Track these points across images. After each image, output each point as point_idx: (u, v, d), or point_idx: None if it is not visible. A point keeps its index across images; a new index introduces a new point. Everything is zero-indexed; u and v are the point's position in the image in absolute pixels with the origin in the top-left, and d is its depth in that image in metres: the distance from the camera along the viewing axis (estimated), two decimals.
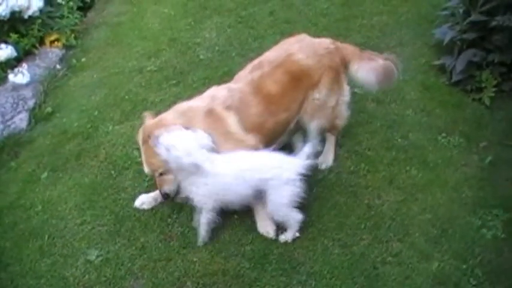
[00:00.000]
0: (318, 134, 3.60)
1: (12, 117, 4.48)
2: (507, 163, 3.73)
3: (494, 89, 4.23)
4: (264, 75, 3.39)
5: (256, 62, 3.54)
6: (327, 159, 3.78)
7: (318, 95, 3.50)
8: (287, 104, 3.43)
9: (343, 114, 3.72)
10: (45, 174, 3.92)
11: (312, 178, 3.63)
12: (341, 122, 3.75)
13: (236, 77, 3.56)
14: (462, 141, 3.94)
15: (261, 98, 3.34)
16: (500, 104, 4.24)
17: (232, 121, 3.26)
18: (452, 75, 4.43)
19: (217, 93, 3.38)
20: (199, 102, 3.36)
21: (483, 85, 4.30)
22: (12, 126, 4.42)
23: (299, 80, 3.43)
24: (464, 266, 3.07)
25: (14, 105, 4.60)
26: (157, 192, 3.47)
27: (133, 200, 3.56)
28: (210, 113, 3.26)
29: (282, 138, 3.56)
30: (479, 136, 3.99)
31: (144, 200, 3.53)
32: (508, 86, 4.29)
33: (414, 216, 3.39)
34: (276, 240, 3.23)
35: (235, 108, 3.28)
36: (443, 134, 4.01)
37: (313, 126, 3.58)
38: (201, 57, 5.12)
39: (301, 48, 3.51)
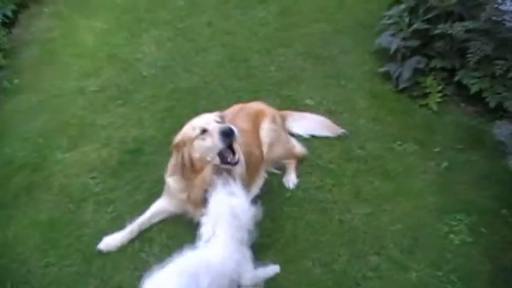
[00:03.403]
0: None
1: None
2: (461, 167, 3.87)
3: (439, 94, 4.39)
4: (232, 118, 3.57)
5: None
6: (292, 178, 3.76)
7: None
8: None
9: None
10: None
11: (281, 196, 3.62)
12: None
13: None
14: (417, 148, 4.04)
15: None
16: (446, 108, 4.40)
17: None
18: (398, 82, 4.54)
19: None
20: None
21: (428, 91, 4.45)
22: None
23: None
24: (440, 274, 3.16)
25: None
26: (121, 233, 3.29)
27: (98, 235, 3.31)
28: None
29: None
30: (431, 141, 4.11)
31: (110, 243, 3.27)
32: (450, 90, 4.46)
33: (385, 228, 3.43)
34: None
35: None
36: (398, 142, 4.09)
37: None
38: (144, 73, 4.87)
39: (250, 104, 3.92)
